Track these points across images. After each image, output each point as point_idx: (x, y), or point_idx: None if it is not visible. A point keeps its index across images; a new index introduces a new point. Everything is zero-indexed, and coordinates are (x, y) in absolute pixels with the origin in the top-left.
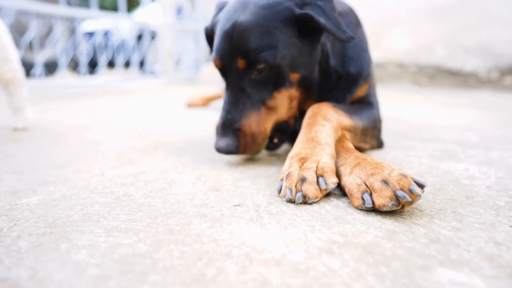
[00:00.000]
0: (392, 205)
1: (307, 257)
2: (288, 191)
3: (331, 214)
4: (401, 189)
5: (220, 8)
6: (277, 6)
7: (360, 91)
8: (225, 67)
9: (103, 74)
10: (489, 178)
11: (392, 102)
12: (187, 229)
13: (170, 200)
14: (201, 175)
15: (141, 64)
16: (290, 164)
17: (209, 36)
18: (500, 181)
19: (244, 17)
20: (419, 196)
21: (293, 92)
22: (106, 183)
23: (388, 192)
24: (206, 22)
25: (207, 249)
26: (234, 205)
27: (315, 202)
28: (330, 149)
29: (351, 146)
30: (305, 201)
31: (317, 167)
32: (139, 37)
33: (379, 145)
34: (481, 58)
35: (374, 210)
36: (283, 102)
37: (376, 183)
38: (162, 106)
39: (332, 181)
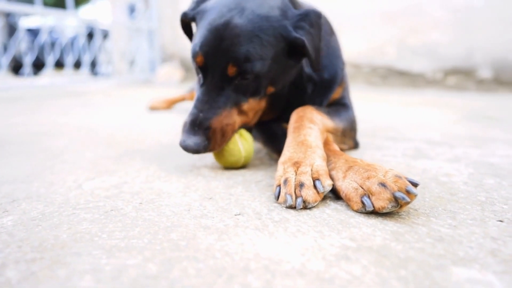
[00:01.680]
0: (391, 207)
1: (326, 265)
2: (288, 197)
3: (334, 219)
4: (399, 191)
5: None
6: (275, 22)
7: (335, 94)
8: (207, 65)
9: (51, 76)
10: (463, 174)
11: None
12: (194, 243)
13: (165, 213)
14: (188, 183)
15: (93, 65)
16: (285, 170)
17: (186, 22)
18: (473, 177)
19: (240, 21)
20: (416, 195)
21: (263, 103)
22: (87, 197)
23: (387, 195)
24: (161, 21)
25: (223, 264)
26: (235, 214)
27: (314, 206)
28: (321, 151)
29: (337, 148)
30: (305, 206)
31: (311, 170)
32: (90, 36)
33: (355, 145)
34: (427, 60)
35: (373, 212)
36: (254, 108)
37: (374, 187)
38: (122, 109)
39: (328, 184)
